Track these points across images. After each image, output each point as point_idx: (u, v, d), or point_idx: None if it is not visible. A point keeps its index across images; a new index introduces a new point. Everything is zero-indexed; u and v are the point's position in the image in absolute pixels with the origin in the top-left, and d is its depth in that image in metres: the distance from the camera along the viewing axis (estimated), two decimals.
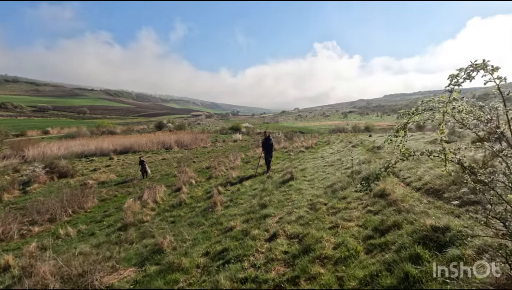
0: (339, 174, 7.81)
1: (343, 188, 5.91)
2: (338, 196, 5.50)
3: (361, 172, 6.70)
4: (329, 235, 3.79)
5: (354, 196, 5.20)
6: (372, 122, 52.61)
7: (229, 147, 28.46)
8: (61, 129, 49.61)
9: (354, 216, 4.23)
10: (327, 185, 6.71)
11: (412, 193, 4.71)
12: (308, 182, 7.79)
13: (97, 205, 11.61)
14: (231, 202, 7.24)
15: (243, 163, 15.13)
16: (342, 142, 17.03)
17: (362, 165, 7.59)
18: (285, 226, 4.49)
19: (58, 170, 18.73)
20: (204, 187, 10.82)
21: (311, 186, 7.21)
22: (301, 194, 6.51)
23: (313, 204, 5.44)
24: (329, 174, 8.11)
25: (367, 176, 6.05)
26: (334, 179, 7.16)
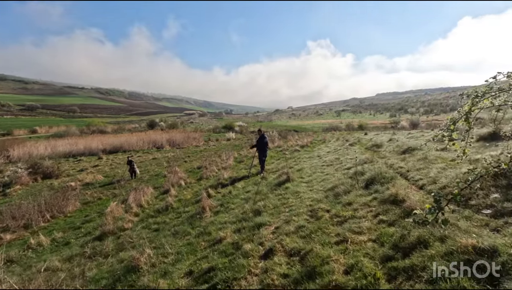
0: (340, 174, 7.15)
1: (346, 192, 5.23)
2: (341, 201, 4.82)
3: (364, 173, 6.04)
4: (337, 252, 3.10)
5: (361, 201, 4.53)
6: (366, 121, 52.39)
7: (222, 145, 27.68)
8: (50, 129, 48.08)
9: (365, 227, 3.56)
10: (327, 187, 6.03)
11: (429, 198, 4.06)
12: (306, 183, 7.10)
13: (79, 208, 10.74)
14: (222, 207, 6.52)
15: (236, 163, 14.39)
16: (338, 140, 16.42)
17: (364, 165, 6.94)
18: (282, 239, 3.79)
19: (42, 171, 17.70)
20: (194, 189, 10.07)
21: (309, 188, 6.53)
22: (299, 198, 5.82)
23: (314, 210, 4.75)
24: (329, 175, 7.44)
25: (373, 177, 5.40)
26: (334, 180, 6.49)
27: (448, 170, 5.09)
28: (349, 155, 10.17)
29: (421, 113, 65.89)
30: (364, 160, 7.89)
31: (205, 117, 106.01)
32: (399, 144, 9.99)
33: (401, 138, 13.00)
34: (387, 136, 15.52)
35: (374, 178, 5.35)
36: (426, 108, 73.61)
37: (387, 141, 12.11)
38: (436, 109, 69.18)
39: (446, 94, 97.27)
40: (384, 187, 4.80)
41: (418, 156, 7.07)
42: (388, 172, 5.52)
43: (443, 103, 76.95)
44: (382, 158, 8.21)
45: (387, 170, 5.68)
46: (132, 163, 13.69)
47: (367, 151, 10.47)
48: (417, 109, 74.67)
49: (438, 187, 4.32)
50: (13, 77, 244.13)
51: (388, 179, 5.10)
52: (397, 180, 5.13)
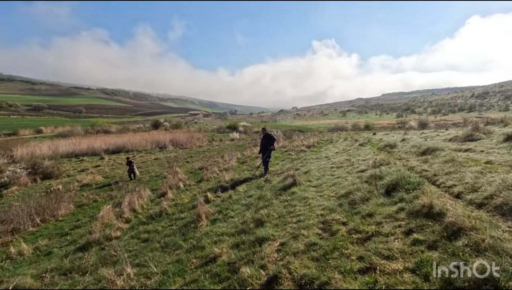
0: (352, 178, 6.33)
1: (364, 199, 4.42)
2: (360, 211, 4.01)
3: (383, 176, 5.22)
4: (363, 285, 2.32)
5: (385, 212, 3.72)
6: (372, 121, 51.23)
7: (225, 146, 27.00)
8: (55, 128, 48.03)
9: (396, 249, 2.75)
10: (340, 193, 5.21)
11: (473, 211, 3.25)
12: (315, 188, 6.30)
13: (73, 211, 10.10)
14: (220, 214, 5.75)
15: (239, 164, 13.63)
16: (347, 140, 15.55)
17: (381, 168, 6.11)
18: (290, 261, 3.01)
19: (42, 171, 17.19)
20: (192, 192, 9.33)
21: (319, 194, 5.72)
22: (308, 205, 5.03)
23: (327, 222, 3.96)
24: (340, 178, 6.62)
25: (394, 182, 4.58)
26: (347, 185, 5.68)
27: (487, 175, 4.25)
28: (360, 155, 9.33)
29: (428, 113, 64.33)
30: (380, 161, 7.06)
31: (210, 117, 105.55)
32: (416, 144, 9.12)
33: (414, 138, 12.11)
34: (399, 136, 14.61)
35: (396, 183, 4.53)
36: (433, 108, 71.85)
37: (400, 141, 11.23)
38: (444, 109, 67.48)
39: (454, 94, 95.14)
40: (410, 194, 3.98)
41: (442, 157, 6.21)
42: (412, 176, 4.69)
43: (451, 103, 75.13)
44: (399, 159, 7.36)
45: (410, 174, 4.85)
46: (131, 163, 13.05)
47: (380, 151, 9.61)
48: (425, 109, 72.95)
49: (482, 197, 3.50)
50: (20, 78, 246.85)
51: (414, 185, 4.28)
52: (425, 186, 4.30)
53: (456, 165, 5.23)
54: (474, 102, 69.06)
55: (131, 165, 13.07)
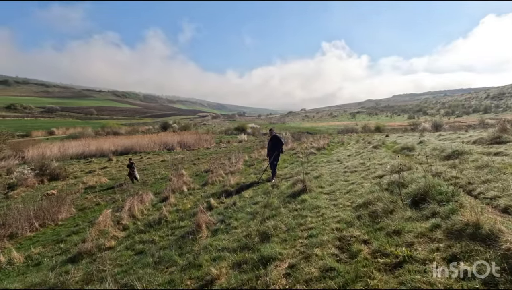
0: (370, 184, 5.66)
1: (387, 211, 3.77)
2: (384, 226, 3.37)
3: (406, 184, 4.55)
4: None
5: (415, 230, 3.06)
6: (383, 123, 49.89)
7: (233, 147, 26.55)
8: (67, 130, 48.66)
9: (439, 283, 2.13)
10: (357, 203, 4.56)
11: None
12: (328, 195, 5.65)
13: (73, 215, 9.72)
14: (222, 224, 5.18)
15: (246, 166, 13.05)
16: (358, 143, 14.78)
17: (402, 173, 5.42)
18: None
19: (50, 172, 17.04)
20: (196, 196, 8.81)
21: (332, 202, 5.08)
22: (321, 217, 4.40)
23: (344, 239, 3.34)
24: (355, 185, 5.96)
25: (422, 191, 3.91)
26: (365, 192, 5.02)
27: None
28: (375, 159, 8.62)
29: (442, 115, 62.36)
30: (399, 165, 6.36)
31: (218, 119, 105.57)
32: (436, 147, 8.36)
33: (433, 141, 11.30)
34: (414, 138, 13.76)
35: (425, 192, 3.86)
36: (447, 109, 69.64)
37: (417, 144, 10.45)
38: (458, 111, 65.34)
39: (467, 95, 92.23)
40: (445, 207, 3.31)
41: (473, 162, 5.49)
42: (442, 184, 4.01)
43: (465, 104, 72.74)
44: (420, 164, 6.64)
45: (440, 182, 4.17)
46: (132, 165, 12.59)
47: (396, 154, 8.86)
48: (438, 110, 70.79)
49: None
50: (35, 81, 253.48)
51: (447, 196, 3.61)
52: (461, 196, 3.62)
53: (494, 171, 4.51)
54: (490, 103, 66.64)
55: (132, 167, 12.61)
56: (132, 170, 12.49)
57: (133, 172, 12.50)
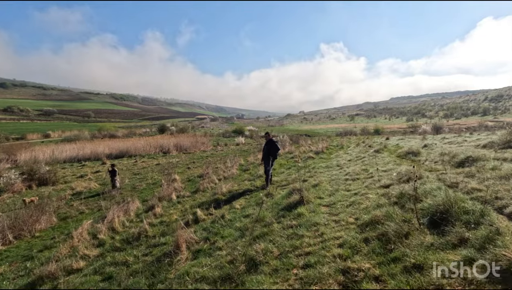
0: (375, 195, 4.96)
1: (400, 234, 3.06)
2: (399, 256, 2.66)
3: (420, 197, 3.85)
4: None
5: (441, 263, 2.36)
6: (381, 125, 49.36)
7: (230, 151, 25.80)
8: (63, 133, 47.87)
9: None
10: (363, 220, 3.85)
11: None
12: (327, 208, 4.94)
13: (54, 225, 8.93)
14: (206, 243, 4.45)
15: (240, 171, 12.33)
16: (359, 146, 14.09)
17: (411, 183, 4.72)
18: None
19: (39, 177, 16.19)
20: (185, 205, 8.07)
21: (333, 217, 4.37)
22: (320, 237, 3.70)
23: (350, 272, 2.63)
24: (358, 195, 5.25)
25: (442, 209, 3.21)
26: (371, 207, 4.32)
27: None
28: (378, 164, 7.92)
29: (440, 117, 61.86)
30: (407, 173, 5.67)
31: (217, 122, 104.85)
32: (444, 151, 7.68)
33: (438, 144, 10.62)
34: (417, 141, 13.09)
35: (445, 210, 3.16)
36: (445, 112, 69.12)
37: (422, 148, 9.78)
38: (456, 113, 64.82)
39: (466, 98, 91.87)
40: (476, 232, 2.61)
41: (493, 171, 4.79)
42: (466, 200, 3.31)
43: (463, 106, 72.29)
44: (431, 171, 5.94)
45: (463, 196, 3.47)
46: (115, 172, 11.67)
47: (401, 160, 8.18)
48: (436, 113, 70.28)
49: None
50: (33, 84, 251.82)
51: (476, 215, 2.91)
52: (492, 216, 2.92)
53: None
54: (488, 105, 66.22)
55: (114, 174, 11.70)
56: (113, 177, 11.59)
57: (113, 179, 11.59)
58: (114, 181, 11.45)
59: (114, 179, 11.44)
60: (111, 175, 11.57)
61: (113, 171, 11.58)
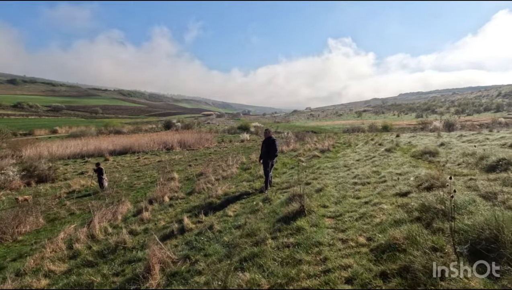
0: (390, 206, 4.09)
1: (431, 272, 2.24)
2: None
3: (449, 213, 2.99)
4: None
5: None
6: (390, 121, 47.72)
7: (234, 147, 25.04)
8: (70, 129, 47.91)
9: None
10: (377, 241, 3.01)
11: None
12: (333, 220, 4.11)
13: (40, 228, 8.31)
14: (185, 263, 3.67)
15: (241, 170, 11.54)
16: (368, 144, 13.10)
17: (436, 193, 3.85)
18: None
19: (38, 174, 15.72)
20: (176, 209, 7.34)
21: (340, 235, 3.53)
22: (323, 264, 2.88)
23: None
24: (370, 205, 4.39)
25: (488, 234, 2.36)
26: (386, 222, 3.47)
27: None
28: (391, 166, 7.02)
29: (451, 113, 59.73)
30: (426, 178, 4.78)
31: (223, 118, 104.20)
32: (467, 152, 6.71)
33: (456, 143, 9.61)
34: (431, 139, 12.05)
35: (493, 237, 2.31)
36: (456, 108, 66.69)
37: (439, 147, 8.80)
38: (468, 109, 62.48)
39: (478, 93, 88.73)
40: None
41: None
42: None
43: (476, 102, 69.68)
44: (455, 176, 5.03)
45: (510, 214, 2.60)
46: (101, 171, 10.94)
47: (416, 160, 7.24)
48: (447, 109, 67.94)
49: None
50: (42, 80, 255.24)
51: None
52: None
53: None
54: (501, 101, 63.62)
55: (100, 173, 10.98)
56: (100, 176, 10.89)
57: (100, 179, 10.89)
58: (101, 180, 10.75)
59: (101, 177, 10.74)
60: (98, 174, 10.87)
61: (98, 169, 10.88)
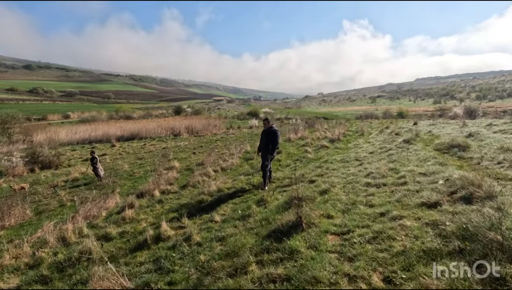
0: (415, 223, 3.05)
1: None
2: None
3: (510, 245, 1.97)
4: None
5: None
6: (406, 108, 45.24)
7: (241, 134, 24.09)
8: (82, 114, 48.21)
9: None
10: (401, 286, 2.05)
11: None
12: (338, 240, 3.12)
13: (25, 221, 7.73)
14: None
15: (242, 160, 10.61)
16: (383, 133, 11.80)
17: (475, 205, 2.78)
18: None
19: (42, 160, 15.38)
20: (165, 206, 6.54)
21: (346, 268, 2.54)
22: None
23: None
24: (386, 219, 3.35)
25: None
26: (412, 252, 2.47)
27: None
28: (412, 162, 5.88)
29: (472, 99, 56.15)
30: (461, 184, 3.68)
31: (233, 103, 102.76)
32: (506, 145, 5.49)
33: (486, 133, 8.27)
34: (454, 128, 10.66)
35: None
36: (477, 93, 62.58)
37: (467, 138, 7.52)
38: (490, 95, 58.53)
39: (501, 78, 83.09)
40: None
41: None
42: None
43: (498, 88, 65.21)
44: (497, 179, 3.89)
45: None
46: (95, 160, 10.20)
47: (442, 155, 6.06)
48: (467, 94, 63.95)
49: None
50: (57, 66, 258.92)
51: None
52: None
53: None
54: None
55: (94, 162, 10.23)
56: (95, 165, 10.15)
57: (95, 168, 10.16)
58: (96, 169, 10.05)
59: (95, 166, 10.04)
60: (92, 163, 10.17)
61: (92, 158, 10.15)
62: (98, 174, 10.06)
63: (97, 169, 9.99)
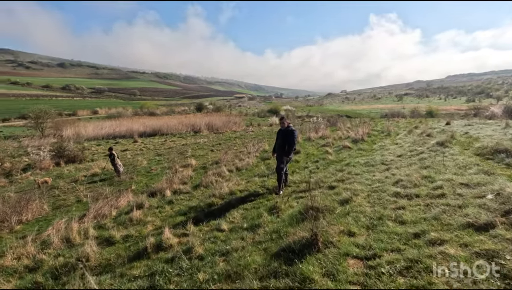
0: (461, 252, 2.40)
1: None
2: None
3: None
4: None
5: None
6: (435, 106, 42.31)
7: (261, 132, 23.61)
8: (109, 110, 50.10)
9: None
10: None
11: None
12: (361, 267, 2.51)
13: (41, 216, 7.78)
14: None
15: (259, 160, 10.12)
16: (412, 134, 10.76)
17: None
18: None
19: (67, 154, 15.92)
20: (174, 208, 6.22)
21: None
22: None
23: None
24: (422, 242, 2.71)
25: None
26: None
27: None
28: (449, 168, 5.08)
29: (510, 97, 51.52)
30: None
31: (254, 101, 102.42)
32: None
33: None
34: (495, 129, 9.48)
35: None
36: None
37: None
38: None
39: None
40: None
41: None
42: None
43: None
44: None
45: None
46: (112, 156, 10.14)
47: (486, 161, 5.19)
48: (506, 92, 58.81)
49: None
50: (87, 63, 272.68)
51: None
52: None
53: None
54: None
55: (112, 158, 10.16)
56: (113, 160, 10.10)
57: (114, 163, 10.11)
58: (115, 165, 10.04)
59: (114, 163, 10.02)
60: (111, 160, 10.16)
61: (110, 154, 10.13)
62: (117, 169, 10.05)
63: (116, 165, 9.98)
